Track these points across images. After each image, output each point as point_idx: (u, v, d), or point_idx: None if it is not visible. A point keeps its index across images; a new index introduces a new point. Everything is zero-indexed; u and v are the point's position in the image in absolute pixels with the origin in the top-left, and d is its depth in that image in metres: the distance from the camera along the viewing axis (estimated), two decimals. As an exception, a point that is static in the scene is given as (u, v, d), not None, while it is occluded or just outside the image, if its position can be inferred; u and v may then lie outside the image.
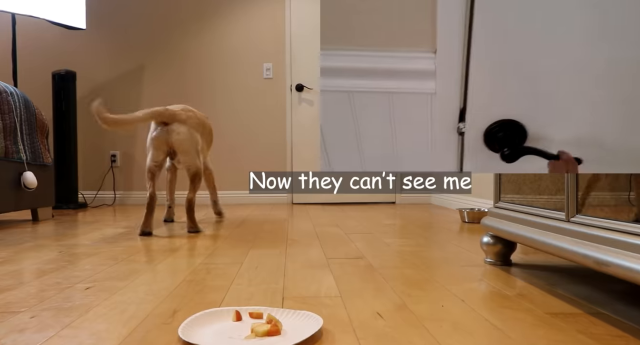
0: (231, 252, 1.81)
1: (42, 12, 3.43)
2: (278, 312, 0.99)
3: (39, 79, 4.32)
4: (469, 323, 0.97)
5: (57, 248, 1.89)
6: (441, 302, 1.12)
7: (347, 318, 1.00)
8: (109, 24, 4.37)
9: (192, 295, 1.20)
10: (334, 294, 1.19)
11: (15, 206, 2.61)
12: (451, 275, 1.40)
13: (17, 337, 0.89)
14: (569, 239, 1.09)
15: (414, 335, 0.90)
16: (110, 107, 4.35)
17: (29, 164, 2.73)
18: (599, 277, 1.38)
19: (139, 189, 4.36)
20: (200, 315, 0.96)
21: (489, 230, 1.56)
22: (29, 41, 4.32)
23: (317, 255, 1.72)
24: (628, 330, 0.92)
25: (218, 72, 4.38)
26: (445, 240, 2.08)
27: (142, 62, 4.37)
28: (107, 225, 2.66)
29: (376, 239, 2.13)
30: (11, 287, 1.27)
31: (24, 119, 2.72)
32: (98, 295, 1.19)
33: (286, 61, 4.36)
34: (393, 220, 2.90)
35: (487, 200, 3.18)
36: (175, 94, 4.36)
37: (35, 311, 1.06)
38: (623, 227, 0.92)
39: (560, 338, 0.88)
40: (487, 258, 1.59)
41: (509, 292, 1.21)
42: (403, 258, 1.67)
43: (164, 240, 2.09)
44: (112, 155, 4.35)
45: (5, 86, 2.65)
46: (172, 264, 1.57)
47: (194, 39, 4.37)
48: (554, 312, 1.04)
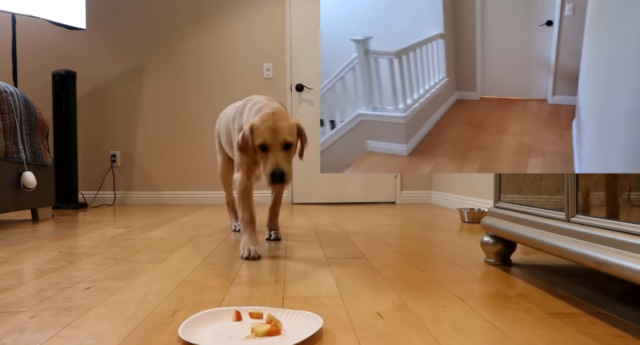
0: (231, 252, 1.81)
1: (42, 12, 3.43)
2: (278, 312, 0.99)
3: (39, 79, 4.32)
4: (469, 323, 0.97)
5: (57, 248, 1.89)
6: (441, 302, 1.12)
7: (347, 318, 1.00)
8: (109, 24, 4.37)
9: (192, 295, 1.19)
10: (334, 294, 1.19)
11: (15, 206, 2.61)
12: (451, 275, 1.40)
13: (17, 337, 0.89)
14: (569, 239, 1.09)
15: (414, 335, 0.90)
16: (109, 107, 4.36)
17: (28, 164, 2.73)
18: (599, 277, 1.38)
19: (139, 189, 4.36)
20: (200, 315, 0.96)
21: (489, 230, 1.55)
22: (29, 41, 4.32)
23: (317, 255, 1.72)
24: (628, 330, 0.92)
25: (218, 72, 4.37)
26: (445, 240, 2.08)
27: (142, 62, 4.37)
28: (107, 225, 2.66)
29: (376, 239, 2.13)
30: (11, 287, 1.27)
31: (24, 119, 2.72)
32: (98, 295, 1.19)
33: (286, 61, 4.36)
34: (393, 220, 2.90)
35: (487, 200, 3.18)
36: (175, 94, 4.36)
37: (35, 311, 1.06)
38: (623, 227, 0.92)
39: (560, 338, 0.88)
40: (487, 258, 1.59)
41: (509, 292, 1.21)
42: (403, 258, 1.67)
43: (164, 240, 2.09)
44: (112, 155, 4.35)
45: (5, 86, 2.65)
46: (172, 264, 1.57)
47: (194, 38, 4.37)
48: (554, 312, 1.04)
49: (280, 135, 1.61)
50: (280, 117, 1.65)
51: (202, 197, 4.34)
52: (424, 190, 4.45)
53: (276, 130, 1.61)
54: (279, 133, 1.61)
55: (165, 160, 4.36)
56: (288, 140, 1.61)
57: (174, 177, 4.36)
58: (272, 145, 1.60)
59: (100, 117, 4.38)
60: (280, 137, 1.61)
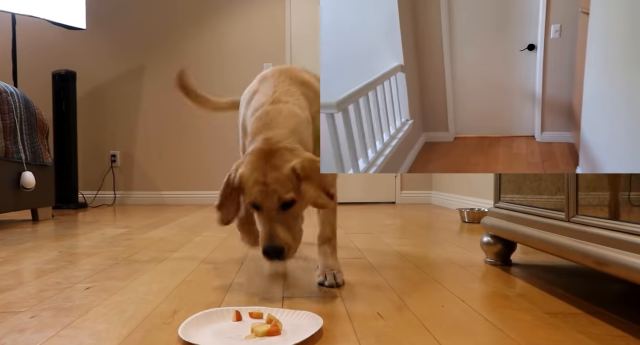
0: (231, 252, 1.81)
1: (42, 12, 3.43)
2: (278, 312, 0.99)
3: (39, 79, 4.31)
4: (469, 323, 0.97)
5: (57, 248, 1.89)
6: (441, 302, 1.11)
7: (347, 318, 1.00)
8: (109, 24, 4.37)
9: (192, 295, 1.19)
10: (334, 294, 1.19)
11: (15, 206, 2.61)
12: (451, 275, 1.40)
13: (17, 337, 0.89)
14: (569, 239, 1.09)
15: (414, 335, 0.90)
16: (109, 107, 4.36)
17: (28, 164, 2.73)
18: (599, 277, 1.38)
19: (139, 189, 4.36)
20: (200, 315, 0.96)
21: (489, 230, 1.55)
22: (29, 41, 4.32)
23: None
24: (628, 330, 0.92)
25: (218, 72, 4.37)
26: (445, 240, 2.08)
27: (141, 62, 4.37)
28: (107, 225, 2.66)
29: (376, 239, 2.13)
30: (11, 287, 1.27)
31: (24, 119, 2.72)
32: (98, 295, 1.19)
33: (286, 61, 4.36)
34: (393, 220, 2.90)
35: (487, 200, 3.18)
36: (175, 94, 4.35)
37: (35, 311, 1.06)
38: (623, 227, 0.92)
39: (560, 338, 0.88)
40: (487, 258, 1.59)
41: (509, 292, 1.21)
42: (403, 258, 1.67)
43: (164, 240, 2.09)
44: (112, 155, 4.35)
45: (5, 86, 2.65)
46: (172, 264, 1.57)
47: (194, 39, 4.37)
48: (554, 312, 1.04)
49: (273, 194, 1.11)
50: (276, 159, 1.13)
51: (202, 197, 4.34)
52: (424, 190, 4.45)
53: (268, 186, 1.11)
54: (271, 189, 1.11)
55: (165, 160, 4.36)
56: (285, 198, 1.11)
57: (174, 177, 4.36)
58: (265, 207, 1.13)
59: (100, 117, 4.38)
60: (273, 196, 1.11)
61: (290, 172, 1.12)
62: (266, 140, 1.15)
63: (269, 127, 1.19)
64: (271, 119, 1.21)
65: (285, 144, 1.15)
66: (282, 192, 1.11)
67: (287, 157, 1.13)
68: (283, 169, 1.12)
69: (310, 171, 1.12)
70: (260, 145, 1.15)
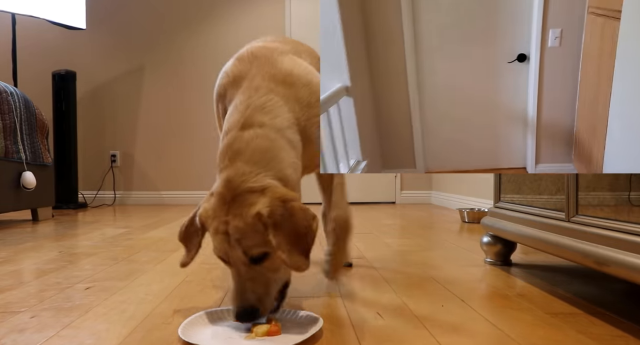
0: (231, 252, 1.80)
1: (42, 12, 3.43)
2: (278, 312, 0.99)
3: (39, 79, 4.31)
4: (469, 323, 0.97)
5: (57, 248, 1.89)
6: (441, 302, 1.11)
7: (347, 318, 1.00)
8: (109, 24, 4.37)
9: (192, 295, 1.20)
10: (334, 294, 1.19)
11: (15, 206, 2.61)
12: (451, 275, 1.40)
13: (17, 337, 0.89)
14: (569, 239, 1.09)
15: (414, 335, 0.90)
16: (109, 107, 4.36)
17: (28, 164, 2.73)
18: (599, 277, 1.38)
19: (138, 189, 4.36)
20: (200, 315, 0.96)
21: (489, 230, 1.55)
22: (29, 41, 4.32)
23: (317, 255, 1.72)
24: (628, 330, 0.92)
25: (218, 72, 4.37)
26: (445, 240, 2.08)
27: (141, 62, 4.37)
28: (107, 225, 2.66)
29: (376, 239, 2.13)
30: (11, 287, 1.27)
31: (24, 119, 2.72)
32: (98, 295, 1.19)
33: (286, 61, 4.36)
34: (393, 220, 2.90)
35: (487, 200, 3.18)
36: (175, 94, 4.36)
37: (35, 311, 1.06)
38: (623, 227, 0.92)
39: (560, 338, 0.88)
40: (487, 258, 1.59)
41: (509, 292, 1.21)
42: (403, 258, 1.67)
43: (164, 240, 2.09)
44: (112, 155, 4.35)
45: (5, 86, 2.65)
46: (172, 264, 1.57)
47: (194, 38, 4.37)
48: (554, 312, 1.04)
49: (237, 246, 0.88)
50: (237, 205, 0.88)
51: (201, 197, 4.34)
52: (424, 190, 4.45)
53: (230, 236, 0.88)
54: (233, 240, 0.88)
55: (165, 161, 4.36)
56: (252, 253, 0.88)
57: (174, 177, 4.36)
58: (231, 261, 0.91)
59: (100, 117, 4.38)
60: (237, 249, 0.88)
61: (254, 220, 0.87)
62: (227, 183, 0.91)
63: (233, 161, 0.94)
64: (235, 153, 0.94)
65: (250, 185, 0.89)
66: (247, 245, 0.87)
67: (251, 200, 0.88)
68: (246, 217, 0.87)
69: (280, 217, 0.87)
70: (220, 188, 0.91)
